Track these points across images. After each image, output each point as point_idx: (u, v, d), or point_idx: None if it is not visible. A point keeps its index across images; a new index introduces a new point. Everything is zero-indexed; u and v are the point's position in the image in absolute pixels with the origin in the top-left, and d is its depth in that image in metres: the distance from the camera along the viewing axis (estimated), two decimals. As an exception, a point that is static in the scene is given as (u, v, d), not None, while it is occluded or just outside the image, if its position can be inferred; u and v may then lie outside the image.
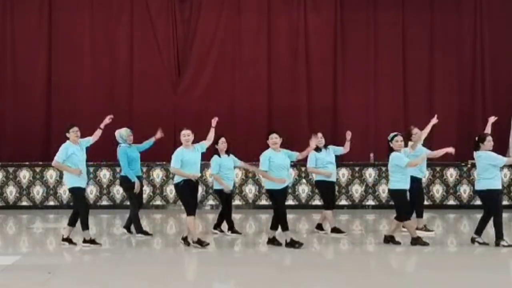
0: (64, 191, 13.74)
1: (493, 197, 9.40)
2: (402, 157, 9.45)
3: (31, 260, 8.84)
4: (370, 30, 15.24)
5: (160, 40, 15.00)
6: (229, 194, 10.55)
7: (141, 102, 14.82)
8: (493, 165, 9.34)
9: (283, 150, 9.56)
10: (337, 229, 10.56)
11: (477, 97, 15.21)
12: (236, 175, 13.34)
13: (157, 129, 10.86)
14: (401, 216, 9.54)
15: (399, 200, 9.58)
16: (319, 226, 10.84)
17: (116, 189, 14.00)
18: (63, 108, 14.60)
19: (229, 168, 10.49)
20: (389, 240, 9.70)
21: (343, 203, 14.23)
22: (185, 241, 9.63)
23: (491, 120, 10.43)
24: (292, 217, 12.36)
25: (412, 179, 9.69)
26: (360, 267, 8.43)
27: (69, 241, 9.59)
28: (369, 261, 8.97)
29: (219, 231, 10.70)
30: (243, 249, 9.71)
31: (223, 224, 10.72)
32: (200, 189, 12.26)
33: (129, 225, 10.64)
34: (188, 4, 15.13)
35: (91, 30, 14.99)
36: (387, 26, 15.19)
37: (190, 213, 9.40)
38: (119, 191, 13.81)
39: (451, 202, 14.35)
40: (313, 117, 14.94)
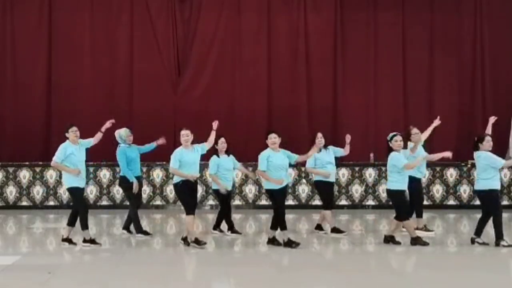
0: (64, 191, 13.70)
1: (492, 197, 9.39)
2: (400, 158, 9.42)
3: (31, 260, 8.83)
4: (370, 30, 15.24)
5: (160, 40, 14.99)
6: (227, 194, 10.49)
7: (141, 102, 14.81)
8: (491, 166, 9.35)
9: (283, 150, 9.53)
10: (337, 229, 10.55)
11: (477, 97, 15.21)
12: (236, 175, 13.35)
13: (157, 129, 10.88)
14: (401, 216, 9.54)
15: (397, 200, 9.57)
16: (318, 226, 10.83)
17: (116, 189, 13.99)
18: (63, 108, 14.59)
19: (228, 169, 10.44)
20: (389, 240, 9.70)
21: (343, 203, 14.24)
22: (185, 241, 9.62)
23: (492, 120, 10.41)
24: (292, 217, 12.37)
25: (411, 179, 9.70)
26: (360, 267, 8.42)
27: (69, 241, 9.59)
28: (369, 261, 8.96)
29: (219, 231, 10.70)
30: (243, 249, 9.71)
31: (223, 224, 10.71)
32: (200, 189, 12.27)
33: (128, 225, 10.64)
34: (188, 4, 15.12)
35: (91, 30, 14.98)
36: (387, 26, 15.19)
37: (189, 212, 9.40)
38: (119, 191, 13.79)
39: (451, 202, 14.34)
40: (313, 117, 14.94)
